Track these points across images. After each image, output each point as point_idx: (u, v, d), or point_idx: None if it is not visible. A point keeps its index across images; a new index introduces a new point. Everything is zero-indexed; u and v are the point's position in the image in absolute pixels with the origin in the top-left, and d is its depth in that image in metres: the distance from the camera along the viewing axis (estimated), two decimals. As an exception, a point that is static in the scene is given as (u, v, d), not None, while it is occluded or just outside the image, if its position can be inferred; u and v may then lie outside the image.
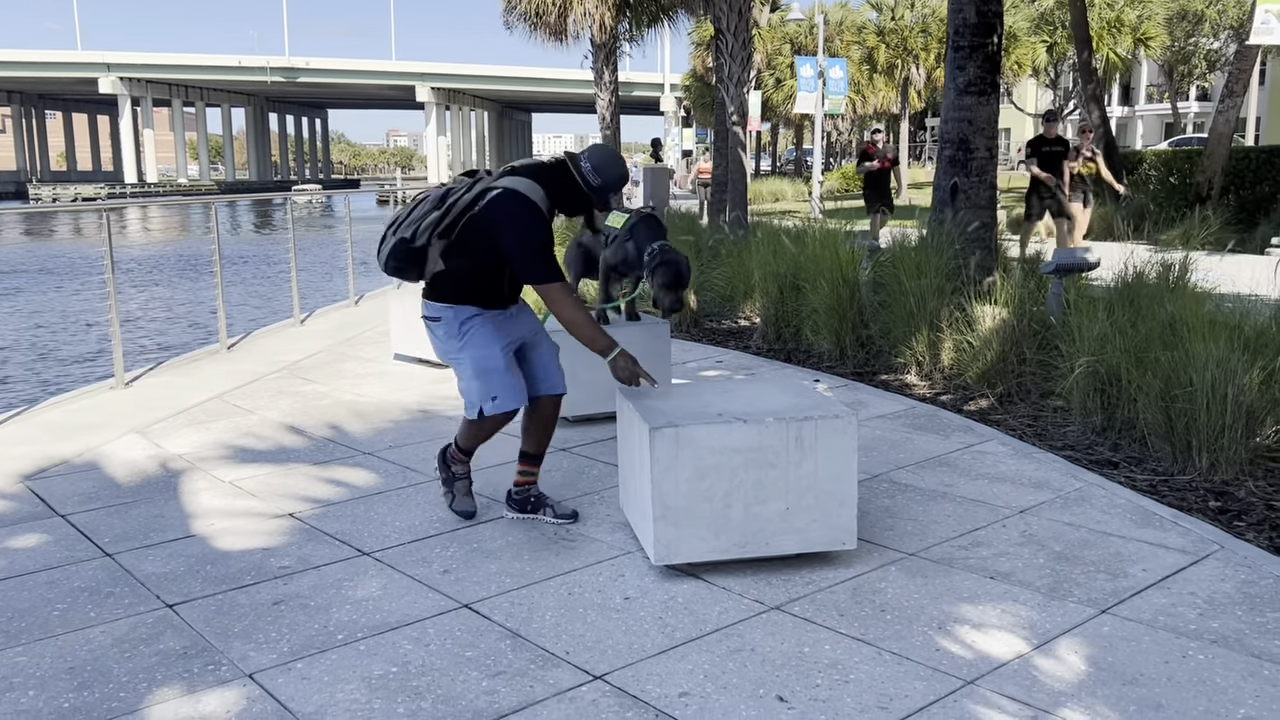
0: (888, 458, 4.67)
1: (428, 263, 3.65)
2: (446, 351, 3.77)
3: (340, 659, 2.85)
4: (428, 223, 3.60)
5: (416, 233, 3.61)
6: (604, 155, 3.72)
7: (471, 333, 3.68)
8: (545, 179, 3.63)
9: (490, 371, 3.67)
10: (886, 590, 3.25)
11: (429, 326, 3.78)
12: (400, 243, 3.64)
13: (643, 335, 5.57)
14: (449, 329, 3.71)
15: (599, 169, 3.67)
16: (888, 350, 6.67)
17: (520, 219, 3.51)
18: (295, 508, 4.16)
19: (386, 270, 3.75)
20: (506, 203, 3.53)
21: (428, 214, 3.61)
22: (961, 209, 7.31)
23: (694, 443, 3.29)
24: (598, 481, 4.46)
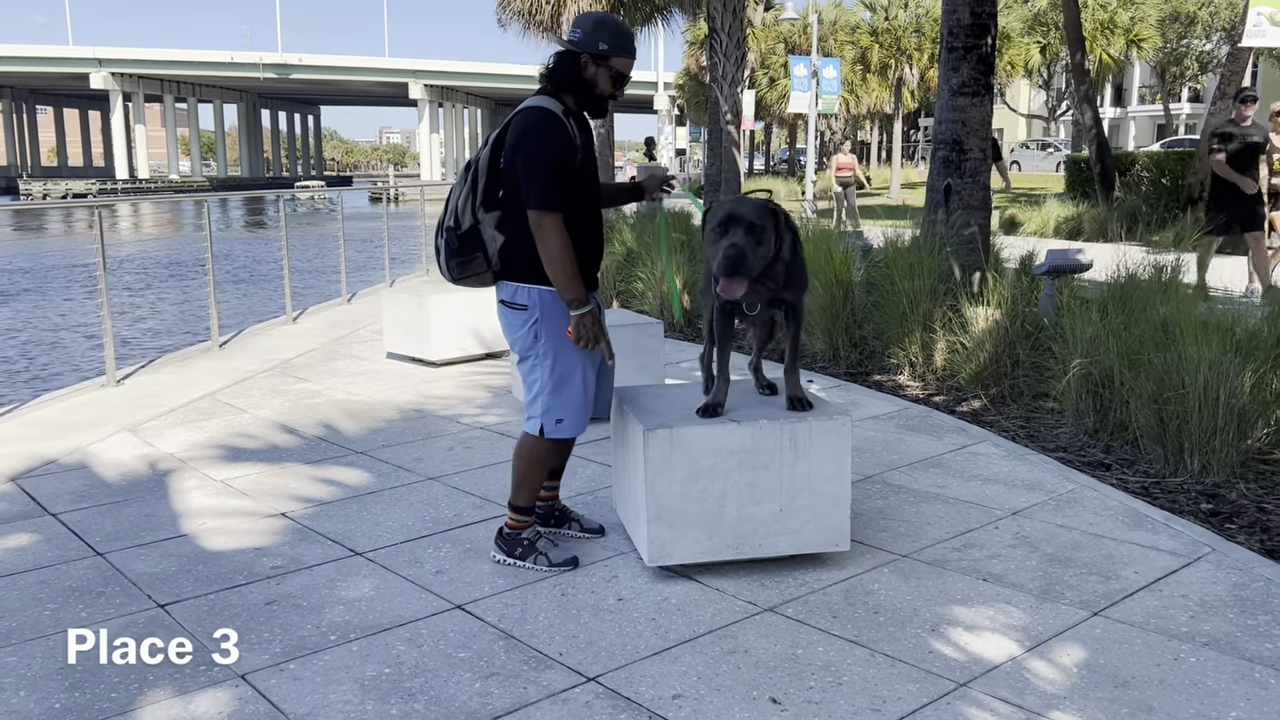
0: (881, 459, 4.68)
1: (487, 243, 3.22)
2: (524, 347, 3.30)
3: (333, 660, 2.85)
4: (463, 201, 3.22)
5: (459, 218, 3.22)
6: (590, 17, 3.29)
7: (557, 332, 3.25)
8: (560, 80, 3.26)
9: (569, 386, 3.28)
10: (879, 592, 3.25)
11: (504, 314, 3.32)
12: (449, 235, 3.23)
13: (636, 335, 5.57)
14: (529, 318, 3.25)
15: (594, 30, 3.22)
16: (881, 351, 6.68)
17: (534, 133, 3.14)
18: (287, 507, 4.14)
19: (456, 279, 3.28)
20: (522, 120, 3.17)
21: (460, 192, 3.24)
22: (955, 210, 7.32)
23: (688, 444, 3.29)
24: (591, 481, 4.45)
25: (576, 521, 3.77)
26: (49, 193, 61.39)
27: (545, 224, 3.13)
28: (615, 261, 9.67)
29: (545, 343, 3.26)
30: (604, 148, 21.72)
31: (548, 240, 3.13)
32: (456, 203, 3.24)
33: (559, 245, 3.13)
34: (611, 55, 3.22)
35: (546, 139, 3.14)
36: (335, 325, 9.28)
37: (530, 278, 3.23)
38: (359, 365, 7.29)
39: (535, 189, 3.11)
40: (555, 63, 3.26)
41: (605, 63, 3.23)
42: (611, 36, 3.22)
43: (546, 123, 3.15)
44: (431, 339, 7.07)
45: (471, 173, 3.22)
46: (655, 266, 8.58)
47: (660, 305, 8.43)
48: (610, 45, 3.21)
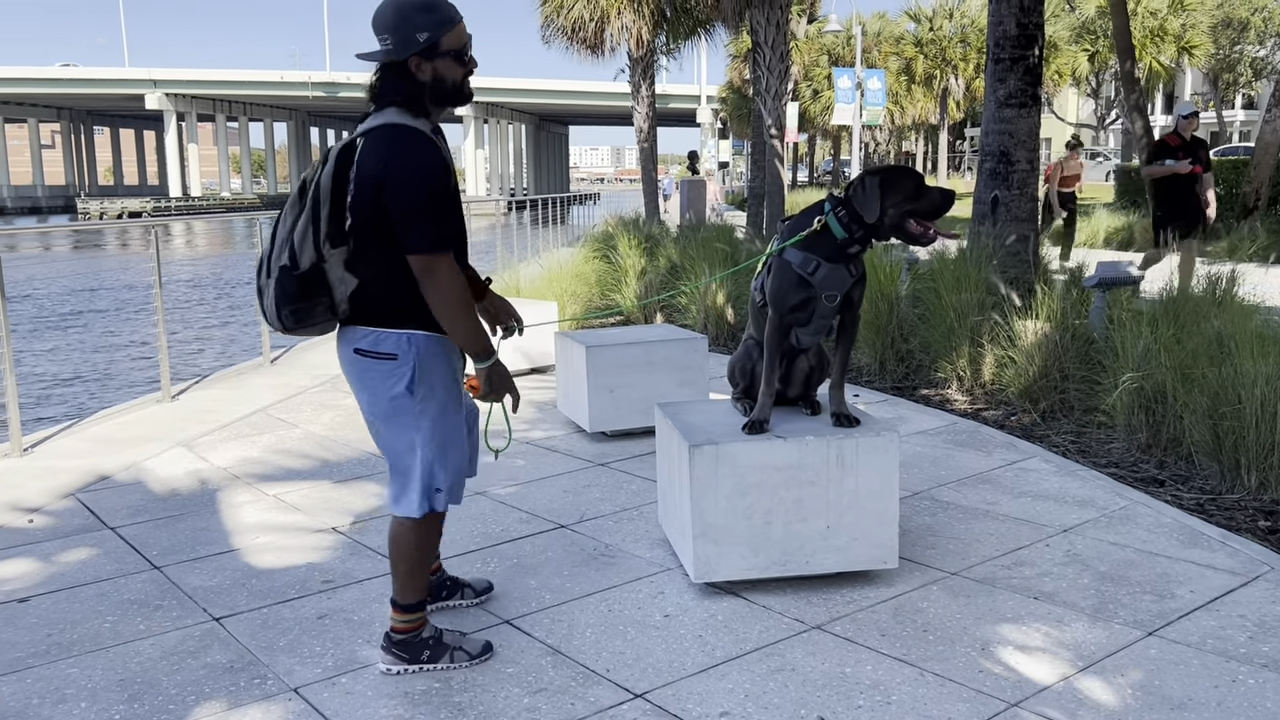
0: (929, 474, 4.64)
1: (334, 287, 2.59)
2: (392, 407, 2.66)
3: (384, 673, 2.88)
4: (301, 234, 2.54)
5: (295, 253, 2.54)
6: (385, 11, 2.59)
7: (437, 382, 2.68)
8: (401, 98, 2.61)
9: (453, 448, 2.75)
10: (928, 610, 3.23)
11: (360, 367, 2.66)
12: (283, 276, 2.55)
13: (680, 350, 5.59)
14: (400, 369, 2.63)
15: (401, 25, 2.55)
16: (928, 365, 6.63)
17: (407, 160, 2.52)
18: (337, 521, 4.21)
19: (290, 328, 2.62)
20: (384, 142, 2.54)
21: (295, 222, 2.56)
22: (1002, 222, 7.26)
23: (734, 460, 3.30)
24: (636, 497, 4.46)
25: (469, 586, 3.29)
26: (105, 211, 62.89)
27: (437, 268, 2.54)
28: (660, 276, 9.70)
29: (423, 400, 2.66)
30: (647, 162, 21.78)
31: (443, 287, 2.56)
32: (291, 235, 2.57)
33: (459, 290, 2.58)
34: (438, 38, 2.58)
35: (424, 166, 2.53)
36: (383, 340, 9.39)
37: (397, 321, 2.63)
38: (406, 380, 7.37)
39: (419, 228, 2.52)
40: (383, 82, 2.62)
41: (436, 49, 2.58)
42: (424, 18, 2.56)
43: (419, 146, 2.55)
44: (478, 354, 7.13)
45: (310, 199, 2.56)
46: (698, 278, 8.59)
47: (704, 319, 8.43)
48: (429, 27, 2.56)
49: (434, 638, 2.86)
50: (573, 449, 5.31)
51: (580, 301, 9.95)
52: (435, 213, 2.53)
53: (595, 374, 5.38)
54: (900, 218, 3.23)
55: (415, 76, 2.60)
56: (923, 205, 3.23)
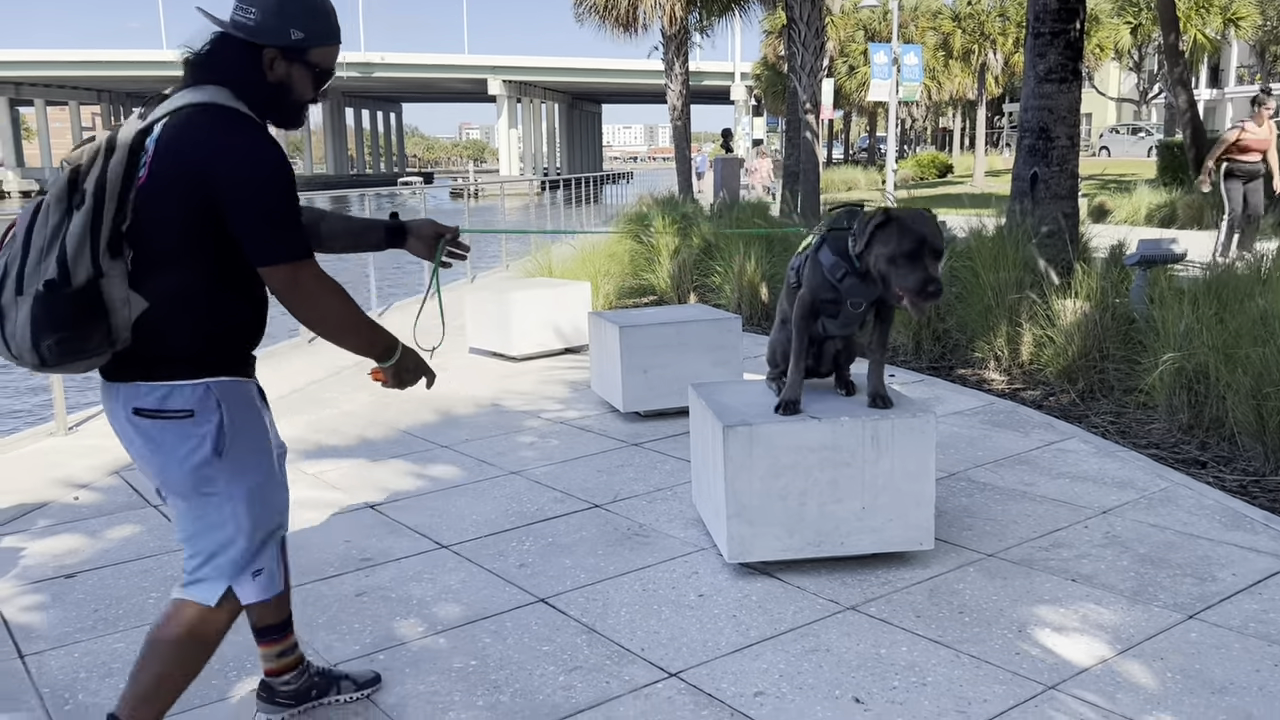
0: (966, 455, 4.60)
1: (113, 310, 2.02)
2: (194, 477, 2.12)
3: (421, 651, 2.92)
4: (76, 235, 1.97)
5: (66, 264, 1.96)
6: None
7: (241, 433, 2.15)
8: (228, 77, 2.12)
9: (269, 513, 2.23)
10: (964, 591, 3.21)
11: (149, 432, 2.11)
12: (51, 294, 1.95)
13: (713, 330, 5.58)
14: (200, 428, 2.10)
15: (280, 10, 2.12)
16: (965, 344, 6.57)
17: (248, 152, 2.04)
18: (375, 499, 4.25)
19: (43, 361, 1.99)
20: (214, 127, 2.05)
21: (63, 224, 1.99)
22: (1042, 199, 7.15)
23: (768, 441, 3.29)
24: (670, 477, 4.47)
25: (347, 678, 2.67)
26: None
27: (304, 279, 2.09)
28: (693, 255, 9.67)
29: (233, 460, 2.14)
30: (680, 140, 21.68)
31: (320, 299, 2.12)
32: (61, 241, 1.98)
33: (340, 299, 2.15)
34: (310, 46, 2.16)
35: (271, 159, 2.05)
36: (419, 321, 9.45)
37: (192, 369, 2.09)
38: (441, 359, 7.42)
39: (280, 235, 2.06)
40: (217, 53, 2.13)
41: (301, 58, 2.16)
42: (310, 19, 2.15)
43: (261, 135, 2.09)
44: (512, 334, 7.16)
45: (92, 195, 2.00)
46: (733, 260, 8.55)
47: (738, 299, 8.40)
48: (308, 32, 2.14)
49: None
50: (606, 429, 5.32)
51: (613, 281, 9.95)
52: (294, 214, 2.09)
53: (629, 354, 5.38)
54: (886, 271, 3.00)
55: (263, 70, 2.14)
56: (904, 275, 2.96)
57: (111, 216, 2.00)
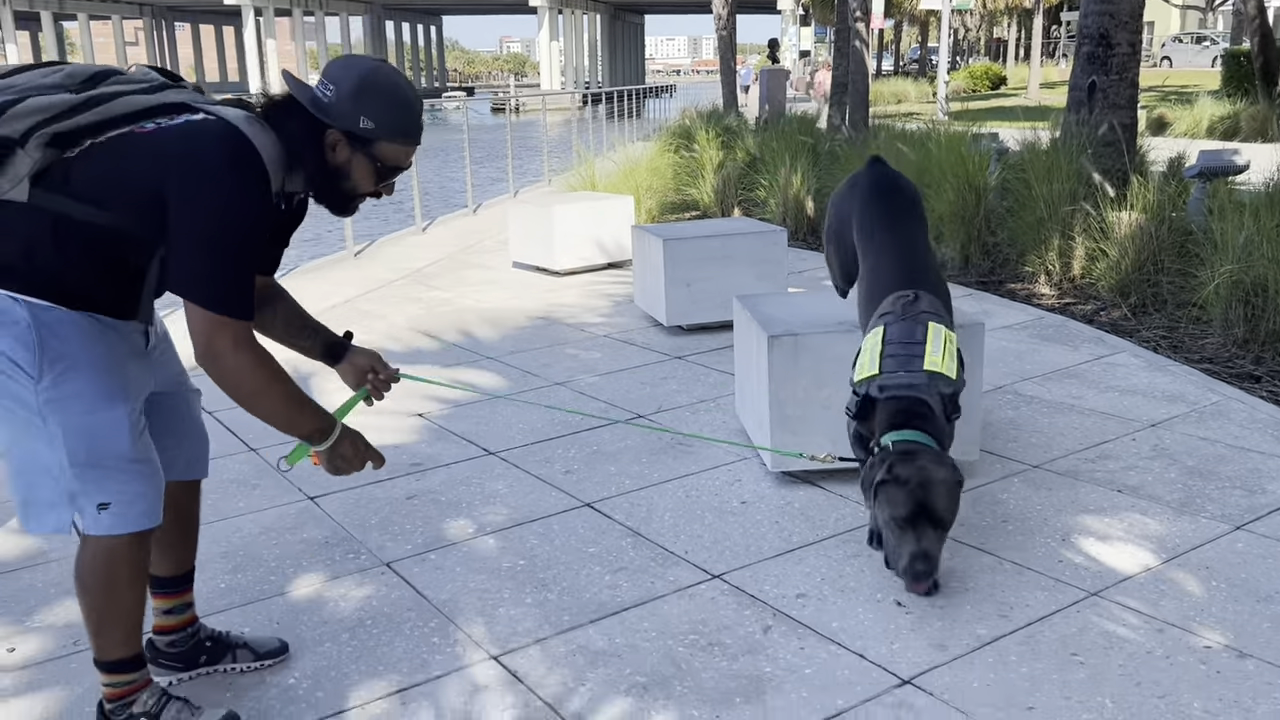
0: (1013, 369, 4.56)
1: (3, 171, 1.84)
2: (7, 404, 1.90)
3: (470, 551, 3.00)
4: (45, 102, 1.85)
5: (10, 108, 1.83)
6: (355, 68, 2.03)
7: (72, 367, 1.90)
8: (277, 119, 2.01)
9: (109, 457, 1.95)
10: (1008, 501, 3.22)
11: None
12: None
13: (758, 243, 5.53)
14: (18, 345, 1.86)
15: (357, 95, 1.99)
16: (1015, 259, 6.46)
17: (225, 174, 1.87)
18: (424, 408, 4.32)
19: None
20: (211, 138, 1.91)
21: (50, 88, 1.90)
22: (1099, 109, 6.94)
23: (813, 351, 3.28)
24: (713, 389, 4.49)
25: (245, 646, 2.43)
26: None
27: (230, 342, 1.91)
28: (737, 169, 9.54)
29: (47, 378, 1.88)
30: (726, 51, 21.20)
31: (245, 373, 1.96)
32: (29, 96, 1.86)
33: (269, 373, 1.99)
34: (378, 139, 2.02)
35: (238, 191, 1.89)
36: (462, 235, 9.47)
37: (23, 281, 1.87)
38: (486, 274, 7.46)
39: (217, 278, 1.89)
40: (284, 112, 2.02)
41: (367, 148, 2.02)
42: (384, 111, 2.01)
43: (246, 165, 1.91)
44: (555, 249, 7.16)
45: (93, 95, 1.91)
46: (778, 173, 8.43)
47: (783, 213, 8.30)
48: (379, 124, 2.01)
49: (151, 715, 2.08)
50: (649, 342, 5.34)
51: (656, 196, 9.87)
52: (243, 267, 1.91)
53: (672, 267, 5.36)
54: (883, 530, 2.61)
55: (324, 147, 2.02)
56: (893, 545, 2.57)
57: (91, 123, 1.88)
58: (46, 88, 1.88)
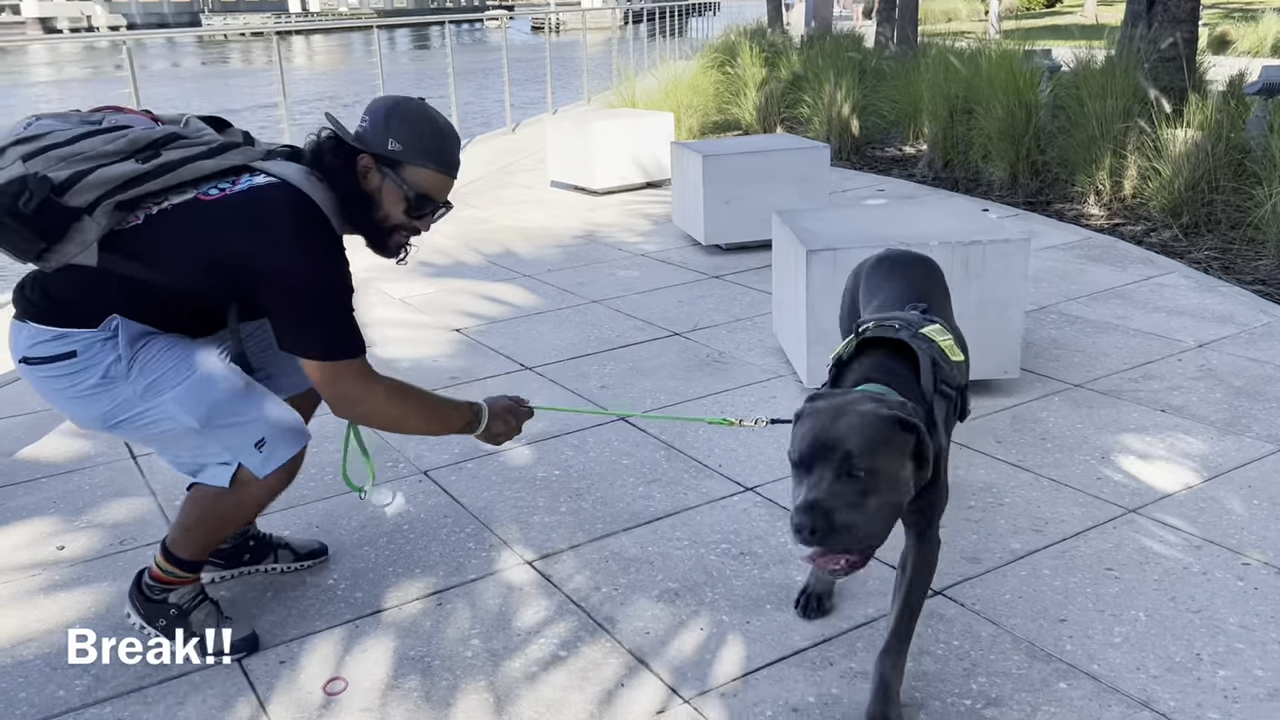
0: (1058, 289, 4.47)
1: (66, 242, 1.89)
2: (106, 405, 1.98)
3: (507, 461, 3.02)
4: (113, 172, 1.88)
5: (81, 179, 1.85)
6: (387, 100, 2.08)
7: (150, 352, 1.97)
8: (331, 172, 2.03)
9: (228, 402, 2.01)
10: (1048, 419, 3.18)
11: (39, 374, 1.98)
12: (38, 185, 1.83)
13: (800, 159, 5.43)
14: (92, 360, 1.94)
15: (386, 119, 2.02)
16: (1064, 178, 6.29)
17: (305, 243, 1.93)
18: (461, 323, 4.34)
19: None
20: (281, 209, 1.94)
21: (117, 155, 1.91)
22: (1158, 22, 6.67)
23: (852, 266, 3.22)
24: (750, 308, 4.45)
25: (287, 547, 2.49)
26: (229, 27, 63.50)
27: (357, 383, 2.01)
28: (780, 87, 9.34)
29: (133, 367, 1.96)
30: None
31: (382, 404, 2.06)
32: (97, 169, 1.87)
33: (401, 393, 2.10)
34: (405, 161, 2.02)
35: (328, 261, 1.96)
36: (501, 154, 9.41)
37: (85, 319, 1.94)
38: (524, 193, 7.41)
39: (328, 335, 1.96)
40: (321, 150, 2.05)
41: (395, 172, 2.03)
42: (411, 133, 2.02)
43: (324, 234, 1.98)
44: (594, 167, 7.09)
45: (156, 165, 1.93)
46: (823, 91, 8.24)
47: (827, 131, 8.13)
48: (406, 146, 2.01)
49: (181, 610, 2.13)
50: (687, 261, 5.29)
51: (697, 114, 9.70)
52: (349, 314, 1.99)
53: (711, 184, 5.29)
54: None
55: (357, 173, 2.03)
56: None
57: (154, 190, 1.93)
58: (112, 155, 1.91)
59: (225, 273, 1.93)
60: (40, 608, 2.34)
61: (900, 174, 7.35)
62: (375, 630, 2.22)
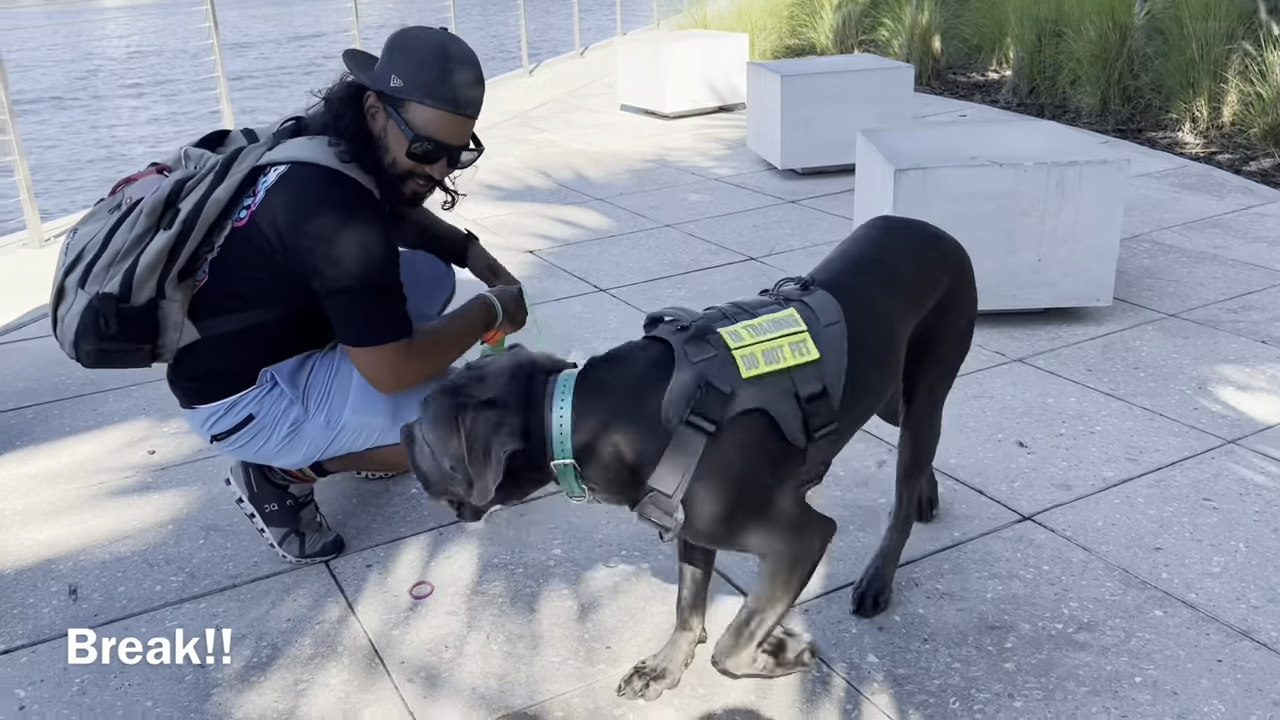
0: (1151, 218, 4.30)
1: (165, 331, 1.91)
2: (304, 449, 2.03)
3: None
4: (151, 254, 1.85)
5: (132, 283, 1.85)
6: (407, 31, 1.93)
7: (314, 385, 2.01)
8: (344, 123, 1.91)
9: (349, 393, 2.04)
10: (1141, 349, 3.07)
11: (234, 447, 2.04)
12: (103, 306, 1.84)
13: (881, 80, 5.26)
14: (272, 414, 1.99)
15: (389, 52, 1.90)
16: (1158, 105, 6.02)
17: (329, 216, 1.85)
18: (535, 245, 4.32)
19: (85, 361, 1.91)
20: (305, 188, 1.87)
21: (145, 235, 1.88)
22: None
23: (942, 186, 3.13)
24: (827, 233, 4.36)
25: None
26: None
27: (409, 363, 1.94)
28: (858, 8, 9.05)
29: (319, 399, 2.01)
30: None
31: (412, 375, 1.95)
32: (136, 257, 1.85)
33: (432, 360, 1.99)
34: (406, 99, 1.87)
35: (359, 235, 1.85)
36: (569, 77, 9.29)
37: (240, 382, 1.98)
38: (594, 117, 7.32)
39: (382, 317, 1.90)
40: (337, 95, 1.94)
41: (398, 110, 1.88)
42: (414, 68, 1.86)
43: (351, 196, 1.87)
44: (665, 91, 6.95)
45: (183, 220, 1.87)
46: (904, 10, 7.96)
47: (907, 53, 7.87)
48: (407, 82, 1.86)
49: (297, 502, 2.14)
50: (762, 186, 5.19)
51: (770, 37, 9.46)
52: (395, 295, 1.91)
53: (789, 106, 5.16)
54: None
55: (364, 115, 1.92)
56: None
57: (195, 246, 1.89)
58: (143, 238, 1.87)
59: (291, 276, 1.89)
60: (135, 507, 2.41)
61: (983, 100, 7.10)
62: (459, 537, 2.24)
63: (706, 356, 1.50)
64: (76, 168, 9.16)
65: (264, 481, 2.11)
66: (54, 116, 12.06)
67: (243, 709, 1.76)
